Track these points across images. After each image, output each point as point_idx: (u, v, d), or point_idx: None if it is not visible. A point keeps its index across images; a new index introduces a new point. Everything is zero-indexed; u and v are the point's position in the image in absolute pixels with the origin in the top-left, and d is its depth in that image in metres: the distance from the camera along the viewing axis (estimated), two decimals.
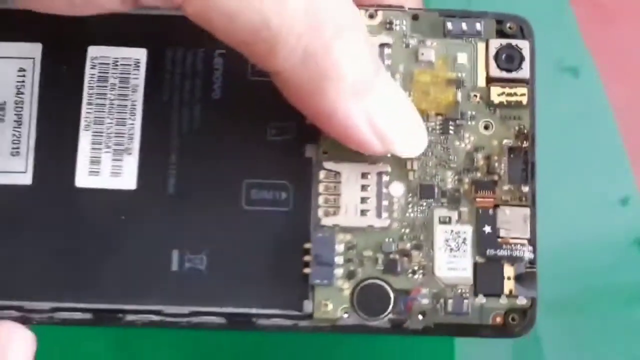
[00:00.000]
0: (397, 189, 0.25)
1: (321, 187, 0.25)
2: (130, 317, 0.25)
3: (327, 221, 0.25)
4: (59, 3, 0.23)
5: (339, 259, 0.25)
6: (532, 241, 0.25)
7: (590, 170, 0.40)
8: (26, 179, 0.25)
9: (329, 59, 0.23)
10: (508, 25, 0.26)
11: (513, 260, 0.25)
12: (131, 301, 0.25)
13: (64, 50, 0.26)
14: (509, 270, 0.25)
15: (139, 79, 0.26)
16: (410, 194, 0.25)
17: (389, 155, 0.25)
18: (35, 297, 0.25)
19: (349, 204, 0.25)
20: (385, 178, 0.25)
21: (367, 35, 0.24)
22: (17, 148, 0.25)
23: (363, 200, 0.25)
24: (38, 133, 0.25)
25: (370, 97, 0.24)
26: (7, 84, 0.26)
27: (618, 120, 0.40)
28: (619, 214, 0.39)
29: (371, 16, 0.26)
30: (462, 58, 0.26)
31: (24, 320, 0.25)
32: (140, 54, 0.26)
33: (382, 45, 0.26)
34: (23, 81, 0.26)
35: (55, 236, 0.25)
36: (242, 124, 0.26)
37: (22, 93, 0.26)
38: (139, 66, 0.26)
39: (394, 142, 0.25)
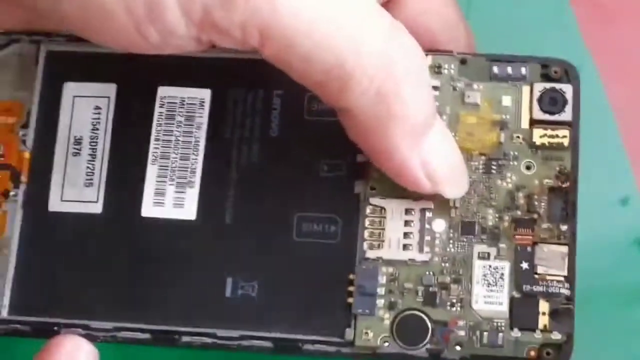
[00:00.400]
0: (439, 225, 0.30)
1: (367, 222, 0.30)
2: (185, 339, 0.30)
3: (371, 254, 0.29)
4: (138, 42, 0.28)
5: (381, 290, 0.29)
6: (569, 278, 0.29)
7: (590, 170, 0.39)
8: (97, 208, 0.31)
9: (398, 100, 0.27)
10: (553, 69, 0.30)
11: (549, 296, 0.29)
12: (187, 324, 0.30)
13: (136, 90, 0.31)
14: (544, 306, 0.29)
15: (203, 117, 0.31)
16: (451, 230, 0.30)
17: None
18: (100, 317, 0.30)
19: (393, 238, 0.29)
20: (428, 214, 0.30)
21: (429, 78, 0.29)
22: (91, 180, 0.31)
23: (406, 235, 0.30)
24: (109, 166, 0.31)
25: (428, 140, 0.28)
26: (83, 121, 0.31)
27: (618, 120, 0.42)
28: (619, 214, 0.41)
29: None
30: (507, 101, 0.30)
31: (89, 338, 0.30)
32: (204, 94, 0.31)
33: (431, 88, 0.30)
34: (98, 118, 0.31)
35: (121, 261, 0.30)
36: (296, 161, 0.30)
37: (97, 129, 0.31)
38: (203, 105, 0.31)
39: (443, 184, 0.29)
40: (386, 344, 0.29)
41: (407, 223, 0.30)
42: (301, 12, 0.26)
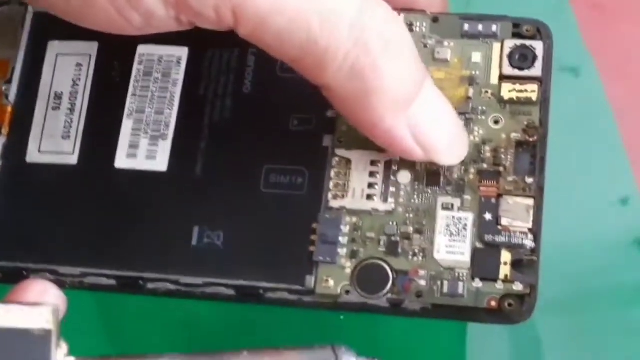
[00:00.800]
0: (404, 177, 0.29)
1: (332, 173, 0.30)
2: (150, 285, 0.30)
3: (335, 204, 0.29)
4: (121, 25, 0.28)
5: (343, 239, 0.29)
6: (534, 231, 0.28)
7: (590, 170, 0.42)
8: (73, 160, 0.31)
9: (375, 75, 0.28)
10: (525, 28, 0.30)
11: (512, 246, 0.28)
12: (152, 270, 0.30)
13: (116, 48, 0.32)
14: (506, 256, 0.28)
15: (179, 74, 0.31)
16: (416, 182, 0.29)
17: None
18: (68, 262, 0.30)
19: (357, 188, 0.29)
20: (393, 167, 0.30)
21: (413, 47, 0.28)
22: (68, 132, 0.31)
23: (370, 185, 0.29)
24: (87, 120, 0.31)
25: (414, 109, 0.28)
26: (65, 77, 0.32)
27: (618, 120, 0.42)
28: (619, 214, 0.41)
29: None
30: (477, 57, 0.30)
31: (57, 283, 0.30)
32: (182, 52, 0.32)
33: None
34: (79, 75, 0.32)
35: (92, 211, 0.31)
36: (267, 116, 0.31)
37: (77, 85, 0.32)
38: (180, 63, 0.32)
39: (436, 152, 0.29)
40: (347, 292, 0.29)
41: (372, 174, 0.30)
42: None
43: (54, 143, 0.31)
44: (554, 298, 0.38)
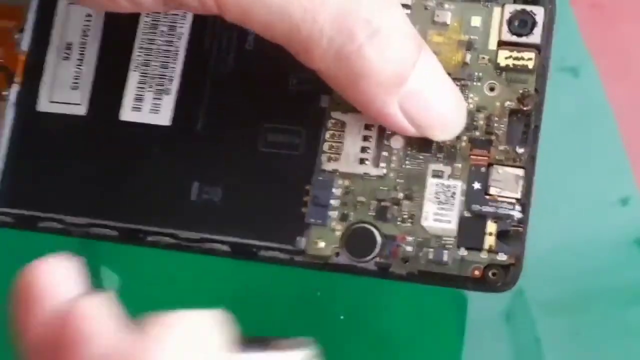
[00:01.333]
0: (397, 142, 0.30)
1: (327, 135, 0.30)
2: (150, 238, 0.31)
3: (328, 166, 0.30)
4: (111, 6, 0.29)
5: (334, 202, 0.30)
6: (522, 201, 0.29)
7: (590, 170, 0.42)
8: (81, 110, 0.32)
9: (361, 60, 0.28)
10: None
11: (498, 217, 0.29)
12: (152, 223, 0.31)
13: None
14: (492, 227, 0.29)
15: (185, 27, 0.32)
16: (409, 147, 0.30)
17: None
18: (74, 212, 0.31)
19: (350, 152, 0.30)
20: (387, 131, 0.30)
21: (405, 28, 0.28)
22: (77, 83, 0.32)
23: (363, 149, 0.30)
24: (95, 71, 0.32)
25: (405, 89, 0.28)
26: (75, 28, 0.33)
27: (618, 120, 0.42)
28: (619, 213, 0.41)
29: None
30: (476, 21, 0.30)
31: (64, 232, 0.31)
32: None
33: (403, 7, 0.30)
34: (89, 25, 0.32)
35: (98, 162, 0.32)
36: (268, 74, 0.31)
37: (87, 36, 0.32)
38: (185, 16, 0.32)
39: (428, 129, 0.29)
40: (336, 254, 0.30)
41: (365, 138, 0.30)
42: None
43: (64, 93, 0.32)
44: (554, 298, 0.41)
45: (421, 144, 0.30)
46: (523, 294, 0.41)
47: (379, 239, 0.29)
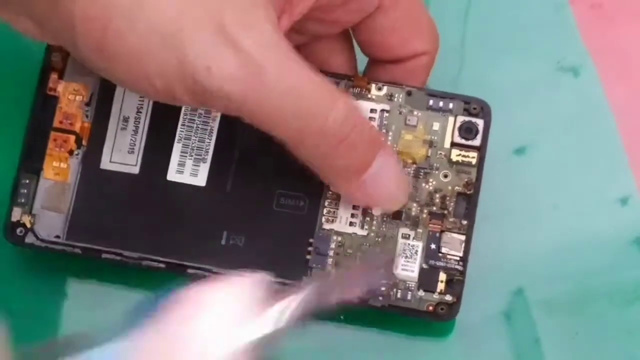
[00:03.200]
0: (377, 211, 0.41)
1: (327, 202, 0.41)
2: (190, 271, 0.41)
3: (326, 226, 0.41)
4: (151, 96, 0.37)
5: (331, 252, 0.41)
6: (463, 258, 0.40)
7: (590, 170, 0.44)
8: (135, 170, 0.42)
9: (329, 162, 0.38)
10: (473, 106, 0.41)
11: (447, 269, 0.40)
12: (192, 260, 0.41)
13: None
14: (442, 276, 0.40)
15: (218, 112, 0.42)
16: (385, 216, 0.41)
17: None
18: (130, 248, 0.41)
19: (343, 216, 0.41)
20: None
21: (368, 134, 0.38)
22: (133, 148, 0.42)
23: (353, 215, 0.41)
24: (147, 140, 0.42)
25: (365, 175, 0.38)
26: (131, 104, 0.42)
27: (618, 120, 0.44)
28: (619, 213, 0.43)
29: (379, 89, 0.41)
30: (436, 126, 0.41)
31: (122, 263, 0.41)
32: None
33: (382, 111, 0.41)
34: (142, 104, 0.42)
35: (149, 210, 0.42)
36: (281, 151, 0.41)
37: (140, 112, 0.42)
38: None
39: (379, 205, 0.40)
40: None
41: (354, 207, 0.41)
42: (262, 108, 0.36)
43: (122, 156, 0.42)
44: (554, 298, 0.42)
45: (394, 214, 0.41)
46: (523, 294, 0.43)
47: None
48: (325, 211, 0.41)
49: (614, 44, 0.45)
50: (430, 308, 0.41)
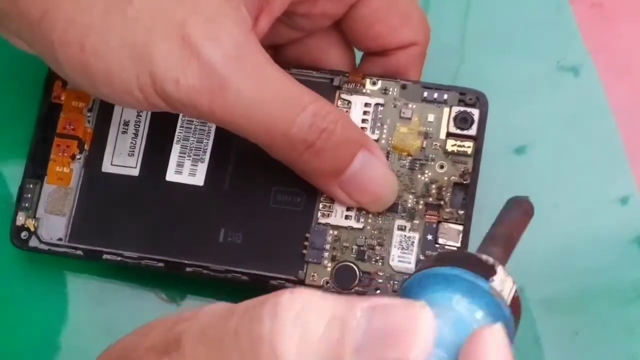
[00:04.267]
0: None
1: (322, 197, 0.41)
2: (189, 269, 0.41)
3: (322, 220, 0.41)
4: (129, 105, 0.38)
5: (327, 246, 0.40)
6: (461, 249, 0.39)
7: (590, 169, 0.43)
8: (135, 172, 0.42)
9: (307, 165, 0.38)
10: (469, 97, 0.41)
11: None
12: (191, 258, 0.41)
13: None
14: None
15: None
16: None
17: None
18: (130, 248, 0.41)
19: (339, 210, 0.40)
20: None
21: (347, 136, 0.38)
22: (132, 151, 0.42)
23: (348, 209, 0.40)
24: (146, 143, 0.42)
25: (342, 177, 0.39)
26: (131, 110, 0.43)
27: (618, 119, 0.43)
28: (619, 213, 0.43)
29: (374, 83, 0.41)
30: (431, 117, 0.41)
31: (122, 263, 0.41)
32: None
33: (377, 105, 0.41)
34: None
35: (148, 211, 0.42)
36: None
37: (140, 115, 0.43)
38: None
39: (364, 205, 0.40)
40: (327, 284, 0.40)
41: None
42: (229, 117, 0.37)
43: (122, 159, 0.43)
44: (554, 297, 0.42)
45: (390, 206, 0.40)
46: (523, 293, 0.41)
47: (358, 273, 0.40)
48: (321, 206, 0.41)
49: (614, 43, 0.45)
50: None
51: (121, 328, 0.41)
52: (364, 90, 0.41)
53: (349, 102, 0.41)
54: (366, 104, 0.41)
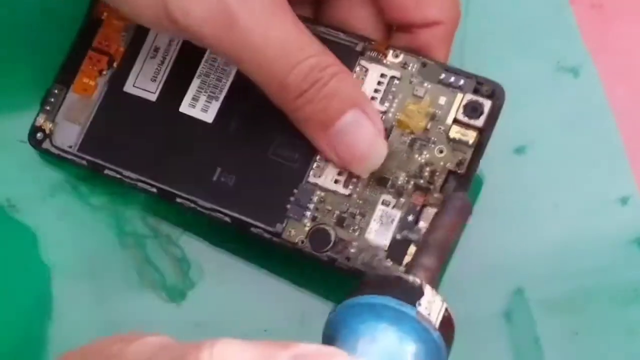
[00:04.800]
0: (365, 173, 0.40)
1: (317, 157, 0.40)
2: (178, 200, 0.42)
3: (312, 180, 0.40)
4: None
5: (310, 205, 0.40)
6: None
7: (590, 169, 0.43)
8: (153, 97, 0.43)
9: (299, 113, 0.39)
10: (485, 87, 0.39)
11: (418, 244, 0.38)
12: (183, 190, 0.42)
13: None
14: (411, 250, 0.38)
15: None
16: (371, 179, 0.40)
17: None
18: (131, 169, 0.42)
19: (329, 173, 0.40)
20: None
21: (336, 86, 0.38)
22: (155, 77, 0.43)
23: (340, 173, 0.40)
24: (170, 71, 0.43)
25: (331, 132, 0.39)
26: (165, 36, 0.43)
27: (618, 120, 0.43)
28: (619, 213, 0.43)
29: (396, 56, 0.41)
30: (442, 100, 0.40)
31: (120, 181, 0.42)
32: None
33: (392, 77, 0.40)
34: (173, 37, 0.43)
35: (156, 137, 0.43)
36: None
37: (171, 44, 0.43)
38: None
39: (346, 163, 0.40)
40: (302, 242, 0.40)
41: None
42: (233, 53, 0.38)
43: (145, 82, 0.43)
44: (554, 297, 0.42)
45: (380, 180, 0.40)
46: (523, 293, 0.42)
47: (333, 239, 0.40)
48: (314, 165, 0.41)
49: (614, 44, 0.45)
50: None
51: (121, 328, 0.41)
52: (384, 61, 0.41)
53: (367, 69, 0.41)
54: (382, 75, 0.41)
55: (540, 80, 0.42)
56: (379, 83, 0.40)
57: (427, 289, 0.31)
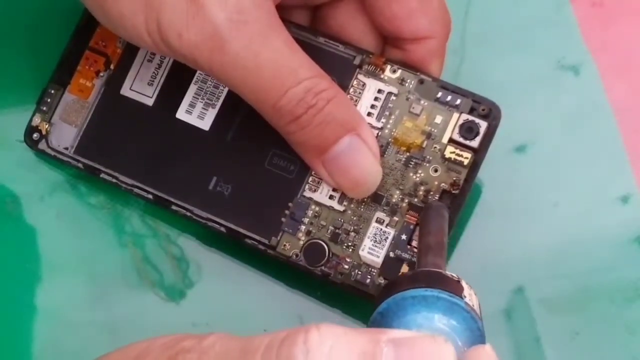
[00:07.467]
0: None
1: (314, 172, 0.40)
2: (174, 207, 0.42)
3: (308, 194, 0.41)
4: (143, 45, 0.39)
5: (305, 220, 0.40)
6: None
7: (591, 168, 0.43)
8: (149, 102, 0.43)
9: (296, 136, 0.39)
10: (481, 107, 0.39)
11: (410, 262, 0.39)
12: (178, 198, 0.42)
13: None
14: (404, 269, 0.39)
15: None
16: (367, 197, 0.40)
17: None
18: (126, 174, 0.42)
19: (325, 188, 0.40)
20: None
21: (332, 111, 0.37)
22: (153, 81, 0.43)
23: (335, 189, 0.40)
24: (167, 76, 0.43)
25: (326, 157, 0.39)
26: None
27: (618, 119, 0.43)
28: (620, 212, 0.42)
29: (394, 71, 0.40)
30: (439, 119, 0.40)
31: (116, 185, 0.42)
32: None
33: (389, 94, 0.40)
34: None
35: (151, 142, 0.42)
36: None
37: None
38: None
39: (342, 187, 0.40)
40: (296, 257, 0.40)
41: None
42: (225, 76, 0.37)
43: (141, 86, 0.43)
44: (555, 296, 0.42)
45: (375, 197, 0.40)
46: (523, 292, 0.42)
47: (327, 254, 0.40)
48: (310, 179, 0.41)
49: (615, 42, 0.44)
50: None
51: (121, 328, 0.43)
52: (382, 76, 0.41)
53: (364, 84, 0.41)
54: (379, 91, 0.40)
55: (540, 78, 0.41)
56: (376, 99, 0.40)
57: (464, 284, 0.33)
